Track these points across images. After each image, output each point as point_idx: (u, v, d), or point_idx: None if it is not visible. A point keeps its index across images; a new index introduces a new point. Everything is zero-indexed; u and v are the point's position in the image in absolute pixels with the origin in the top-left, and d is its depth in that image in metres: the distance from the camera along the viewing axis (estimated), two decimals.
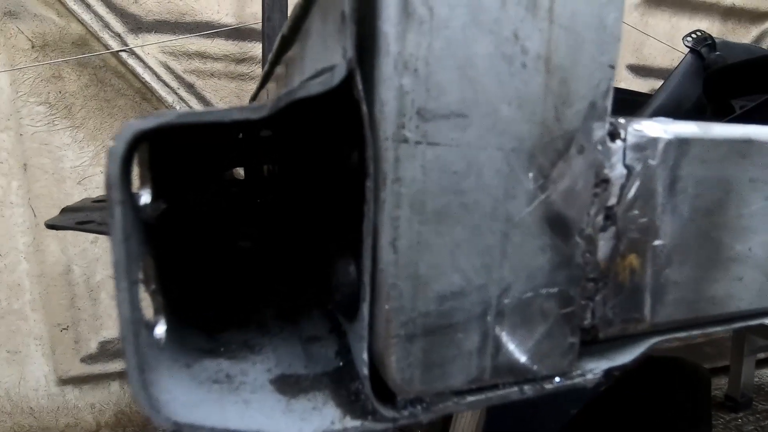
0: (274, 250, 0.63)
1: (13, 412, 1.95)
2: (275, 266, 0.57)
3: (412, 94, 0.28)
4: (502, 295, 0.33)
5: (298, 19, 0.37)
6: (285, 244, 0.64)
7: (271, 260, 0.59)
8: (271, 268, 0.57)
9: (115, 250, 0.23)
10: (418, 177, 0.29)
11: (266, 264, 0.58)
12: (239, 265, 0.58)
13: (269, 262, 0.59)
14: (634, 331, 0.39)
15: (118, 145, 0.22)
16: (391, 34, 0.26)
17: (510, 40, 0.29)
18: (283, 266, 0.57)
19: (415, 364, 0.31)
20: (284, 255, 0.61)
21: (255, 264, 0.58)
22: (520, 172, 0.32)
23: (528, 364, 0.35)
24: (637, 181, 0.35)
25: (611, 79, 0.33)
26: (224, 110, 0.24)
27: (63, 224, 0.81)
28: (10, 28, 1.64)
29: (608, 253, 0.36)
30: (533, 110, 0.31)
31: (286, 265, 0.57)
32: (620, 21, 0.32)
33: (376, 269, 0.29)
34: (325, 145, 0.43)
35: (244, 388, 0.32)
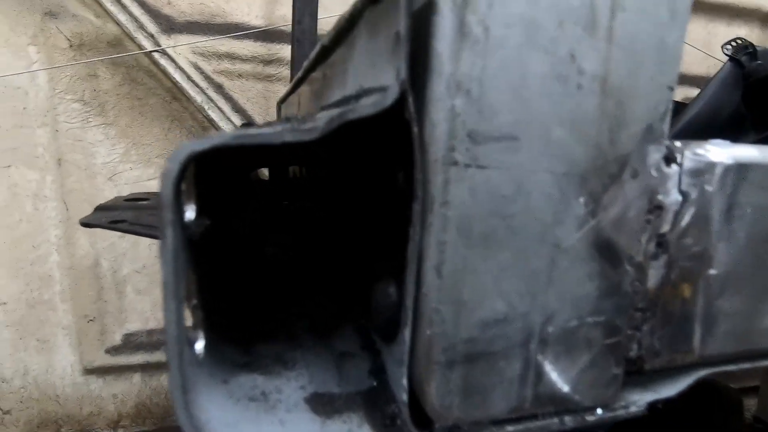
0: (303, 260, 0.62)
1: (41, 399, 2.02)
2: (306, 278, 0.57)
3: (463, 115, 0.27)
4: (547, 322, 0.32)
5: (343, 31, 0.37)
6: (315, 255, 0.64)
7: (301, 272, 0.59)
8: (302, 280, 0.56)
9: (164, 269, 0.23)
10: (467, 200, 0.28)
11: (296, 275, 0.58)
12: (269, 276, 0.58)
13: (300, 273, 0.59)
14: (681, 362, 0.37)
15: (173, 167, 0.22)
16: (445, 53, 0.26)
17: (566, 61, 0.28)
18: (314, 278, 0.56)
19: (454, 391, 0.31)
20: (315, 266, 0.61)
21: (285, 275, 0.58)
22: (571, 197, 0.30)
23: (570, 394, 0.34)
24: (692, 208, 0.34)
25: (670, 101, 0.31)
26: (276, 132, 0.24)
27: (97, 222, 0.83)
28: (50, 27, 1.69)
29: (658, 282, 0.34)
30: (587, 133, 0.30)
31: (317, 277, 0.57)
32: (682, 41, 0.30)
33: (420, 293, 0.29)
34: (366, 161, 0.42)
35: (280, 407, 0.32)
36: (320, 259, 0.62)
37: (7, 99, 1.72)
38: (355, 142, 0.38)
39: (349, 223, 0.53)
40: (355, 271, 0.47)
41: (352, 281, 0.48)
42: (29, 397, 2.00)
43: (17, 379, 1.95)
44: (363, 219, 0.46)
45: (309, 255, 0.64)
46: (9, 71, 1.69)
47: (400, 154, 0.30)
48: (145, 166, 1.90)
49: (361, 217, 0.47)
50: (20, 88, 1.73)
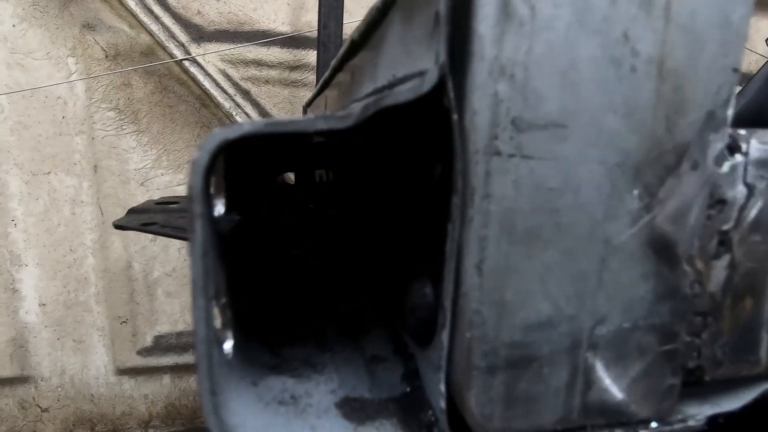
0: (331, 262, 0.61)
1: (76, 398, 2.08)
2: (334, 280, 0.56)
3: (507, 102, 0.25)
4: (596, 326, 0.29)
5: (373, 23, 0.36)
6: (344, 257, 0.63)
7: (329, 273, 0.58)
8: (331, 282, 0.55)
9: (194, 266, 0.22)
10: (510, 193, 0.26)
11: (325, 277, 0.57)
12: (296, 277, 0.57)
13: (328, 275, 0.58)
14: (746, 374, 0.34)
15: (203, 156, 0.21)
16: (487, 36, 0.24)
17: (619, 42, 0.26)
18: (342, 280, 0.55)
19: (496, 399, 0.28)
20: (343, 268, 0.59)
21: (313, 276, 0.57)
22: (624, 190, 0.28)
23: (622, 404, 0.31)
24: (759, 202, 0.31)
25: (734, 84, 0.28)
26: (309, 120, 0.23)
27: (129, 225, 0.85)
28: (87, 39, 1.76)
29: (721, 284, 0.31)
30: (642, 120, 0.27)
31: (345, 279, 0.55)
32: (749, 18, 0.28)
33: (459, 293, 0.27)
34: (399, 155, 0.41)
35: (310, 412, 0.30)
36: (350, 262, 0.60)
37: (48, 108, 1.80)
38: (391, 133, 0.36)
39: (382, 223, 0.51)
40: (387, 273, 0.46)
41: (383, 283, 0.47)
42: (66, 396, 2.06)
43: (55, 378, 2.02)
44: (397, 217, 0.44)
45: (338, 258, 0.63)
46: (50, 82, 1.77)
47: (438, 145, 0.28)
48: (175, 172, 1.95)
49: (395, 215, 0.45)
50: (60, 98, 1.80)
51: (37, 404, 2.10)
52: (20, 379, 2.01)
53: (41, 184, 1.87)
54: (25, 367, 2.01)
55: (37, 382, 2.05)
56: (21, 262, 1.93)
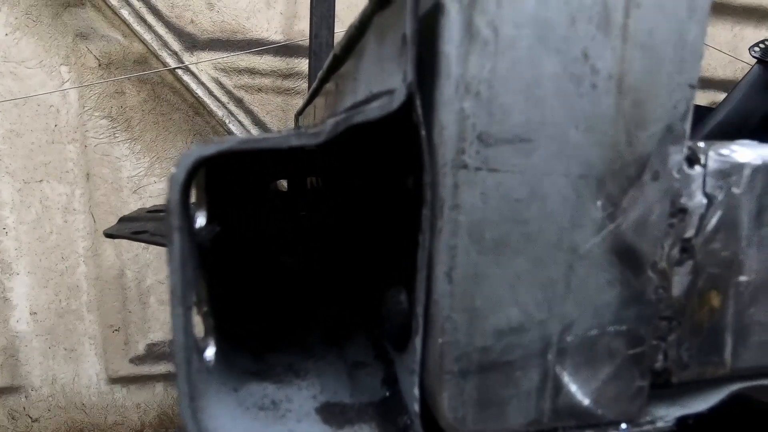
0: (317, 269, 0.62)
1: (67, 407, 2.06)
2: (319, 287, 0.57)
3: (473, 117, 0.26)
4: (565, 331, 0.31)
5: (353, 39, 0.37)
6: (329, 264, 0.64)
7: (315, 280, 0.59)
8: (316, 288, 0.56)
9: (172, 277, 0.23)
10: (478, 205, 0.27)
11: (310, 284, 0.58)
12: (283, 284, 0.58)
13: (313, 282, 0.59)
14: (712, 375, 0.35)
15: (179, 172, 0.22)
16: (452, 56, 0.25)
17: (579, 60, 0.27)
18: (327, 287, 0.56)
19: (468, 403, 0.29)
20: (328, 275, 0.60)
21: (299, 284, 0.58)
22: (588, 200, 0.29)
23: (591, 407, 0.32)
24: (719, 211, 0.32)
25: (691, 99, 0.30)
26: (282, 136, 0.24)
27: (120, 233, 0.85)
28: (81, 48, 1.77)
29: (684, 290, 0.33)
30: (603, 133, 0.29)
31: (330, 286, 0.56)
32: (703, 37, 0.29)
33: (431, 300, 0.28)
34: (376, 167, 0.42)
35: (290, 416, 0.31)
36: (334, 269, 0.61)
37: (40, 117, 1.80)
38: (365, 148, 0.37)
39: (362, 231, 0.53)
40: (368, 280, 0.47)
41: (364, 290, 0.48)
42: (57, 406, 2.04)
43: (45, 388, 2.00)
44: (374, 226, 0.46)
45: (323, 264, 0.64)
46: (43, 90, 1.77)
47: (409, 159, 0.30)
48: None
49: (373, 225, 0.46)
50: (53, 106, 1.81)
51: (27, 414, 2.07)
52: (10, 389, 1.99)
53: (33, 192, 1.86)
54: (15, 376, 1.99)
55: (27, 392, 2.03)
56: (12, 271, 1.92)
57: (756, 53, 1.60)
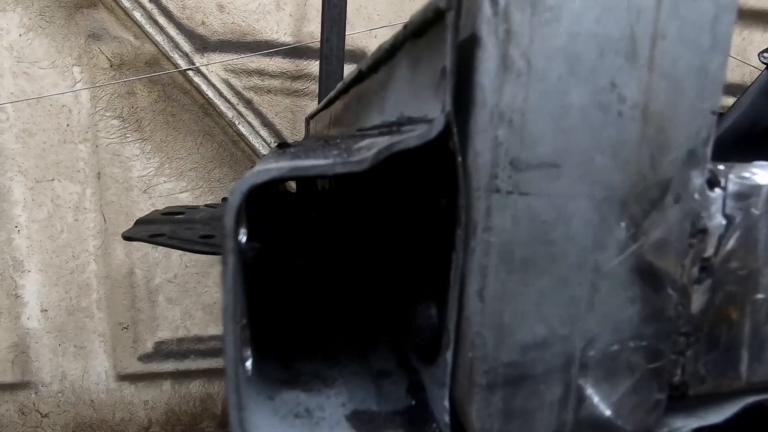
0: (333, 274, 0.64)
1: (76, 404, 2.09)
2: (337, 292, 0.58)
3: (506, 144, 0.28)
4: (587, 346, 0.32)
5: (381, 61, 0.38)
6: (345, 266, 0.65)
7: (332, 285, 0.60)
8: (334, 293, 0.58)
9: (225, 296, 0.25)
10: (508, 226, 0.29)
11: (328, 289, 0.59)
12: (302, 289, 0.59)
13: (331, 287, 0.60)
14: (728, 389, 0.36)
15: (235, 198, 0.24)
16: (488, 86, 0.27)
17: (606, 89, 0.29)
18: (345, 292, 0.57)
19: (495, 414, 0.31)
20: (344, 280, 0.62)
21: (317, 289, 0.59)
22: (612, 222, 0.31)
23: (612, 419, 0.33)
24: (737, 232, 0.33)
25: (712, 126, 0.31)
26: (329, 163, 0.25)
27: (137, 236, 0.87)
28: (93, 49, 1.79)
29: (703, 307, 0.34)
30: (628, 159, 0.30)
31: (347, 291, 0.58)
32: (724, 67, 0.30)
33: (462, 317, 0.29)
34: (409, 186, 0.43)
35: (323, 425, 0.33)
36: (352, 275, 0.63)
37: (52, 117, 1.82)
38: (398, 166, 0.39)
39: (384, 240, 0.54)
40: (391, 290, 0.48)
41: (387, 299, 0.49)
42: (66, 402, 2.07)
43: (55, 384, 2.03)
44: (400, 239, 0.47)
45: (341, 269, 0.65)
46: (55, 91, 1.79)
47: (442, 180, 0.31)
48: (177, 180, 1.97)
49: (399, 237, 0.48)
50: (65, 106, 1.83)
51: (37, 410, 2.10)
52: (21, 385, 2.02)
53: (45, 191, 1.89)
54: (25, 372, 2.02)
55: (37, 388, 2.06)
56: (24, 269, 1.95)
57: (765, 59, 1.60)
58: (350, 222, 0.77)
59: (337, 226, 0.85)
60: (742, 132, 1.54)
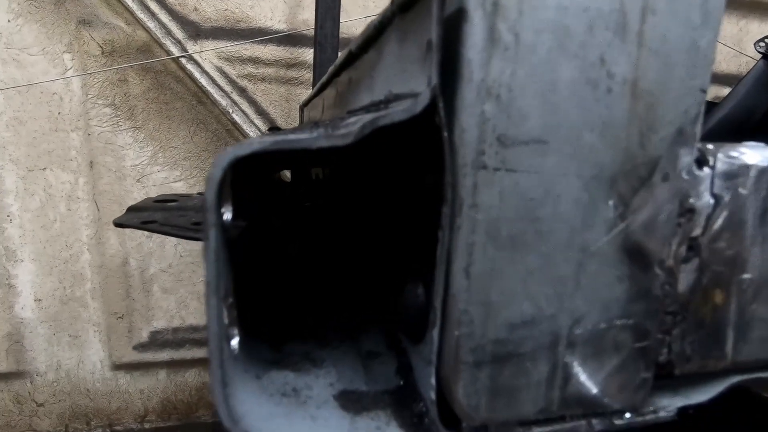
0: (325, 257, 0.64)
1: (72, 393, 2.09)
2: (329, 275, 0.58)
3: (493, 120, 0.27)
4: (574, 325, 0.32)
5: (371, 38, 0.38)
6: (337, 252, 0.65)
7: (324, 268, 0.60)
8: (325, 276, 0.58)
9: (208, 270, 0.24)
10: (495, 204, 0.28)
11: (320, 272, 0.59)
12: (293, 273, 0.59)
13: (322, 270, 0.60)
14: (713, 368, 0.36)
15: (216, 171, 0.24)
16: (475, 60, 0.26)
17: (596, 65, 0.28)
18: (337, 276, 0.57)
19: (482, 391, 0.31)
20: (337, 263, 0.62)
21: (308, 272, 0.59)
22: (600, 200, 0.30)
23: (598, 396, 0.33)
24: (725, 211, 0.33)
25: (702, 104, 0.31)
26: (312, 137, 0.25)
27: (129, 223, 0.86)
28: (84, 35, 1.76)
29: (690, 286, 0.34)
30: (617, 136, 0.30)
31: (340, 274, 0.58)
32: (715, 43, 0.30)
33: (449, 294, 0.29)
34: (392, 164, 0.43)
35: (310, 403, 0.33)
36: (344, 260, 0.63)
37: (43, 104, 1.80)
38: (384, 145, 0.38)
39: (374, 224, 0.54)
40: (380, 271, 0.48)
41: (376, 281, 0.49)
42: (61, 391, 2.07)
43: (50, 373, 2.03)
44: (389, 218, 0.47)
45: (332, 255, 0.65)
46: (46, 78, 1.77)
47: (429, 158, 0.31)
48: (171, 169, 1.96)
49: (387, 216, 0.48)
50: (56, 93, 1.80)
51: (32, 399, 2.10)
52: (16, 374, 2.02)
53: (37, 180, 1.87)
54: (20, 362, 2.01)
55: (32, 377, 2.06)
56: (16, 258, 1.94)
57: (761, 48, 1.60)
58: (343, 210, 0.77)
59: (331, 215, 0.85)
60: (737, 122, 1.55)
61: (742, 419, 0.90)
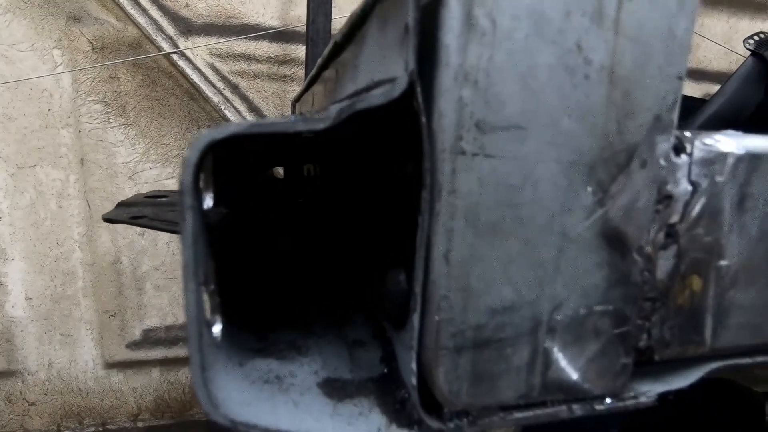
0: (316, 251, 0.64)
1: (64, 392, 2.08)
2: (319, 268, 0.58)
3: (471, 106, 0.27)
4: (555, 311, 0.32)
5: (354, 26, 0.38)
6: (327, 247, 0.65)
7: (314, 262, 0.60)
8: (315, 270, 0.58)
9: (185, 253, 0.24)
10: (474, 189, 0.29)
11: (310, 266, 0.59)
12: (283, 266, 0.59)
13: (312, 263, 0.60)
14: (692, 354, 0.37)
15: (192, 154, 0.24)
16: (452, 46, 0.26)
17: (573, 51, 0.29)
18: (326, 269, 0.58)
19: (463, 377, 0.31)
20: (327, 257, 0.62)
21: (298, 265, 0.59)
22: (579, 186, 0.31)
23: (579, 382, 0.34)
24: (702, 198, 0.34)
25: (679, 91, 0.31)
26: (289, 122, 0.25)
27: (118, 218, 0.86)
28: (73, 31, 1.75)
29: (668, 272, 0.34)
30: (594, 123, 0.30)
31: (329, 267, 0.58)
32: (691, 30, 0.30)
33: (428, 280, 0.29)
34: (375, 152, 0.43)
35: (293, 390, 0.33)
36: (333, 252, 0.63)
37: (33, 101, 1.78)
38: (367, 133, 0.38)
39: (360, 214, 0.54)
40: (365, 262, 0.48)
41: (362, 272, 0.49)
42: (53, 390, 2.06)
43: (42, 372, 2.02)
44: (372, 210, 0.47)
45: (322, 248, 0.65)
46: (35, 74, 1.75)
47: (409, 144, 0.31)
48: (163, 166, 1.95)
49: (370, 209, 0.48)
50: (46, 90, 1.79)
51: (24, 398, 2.09)
52: (7, 373, 2.00)
53: (27, 178, 1.85)
54: (11, 361, 2.00)
55: (24, 376, 2.04)
56: (7, 256, 1.92)
57: (750, 45, 1.61)
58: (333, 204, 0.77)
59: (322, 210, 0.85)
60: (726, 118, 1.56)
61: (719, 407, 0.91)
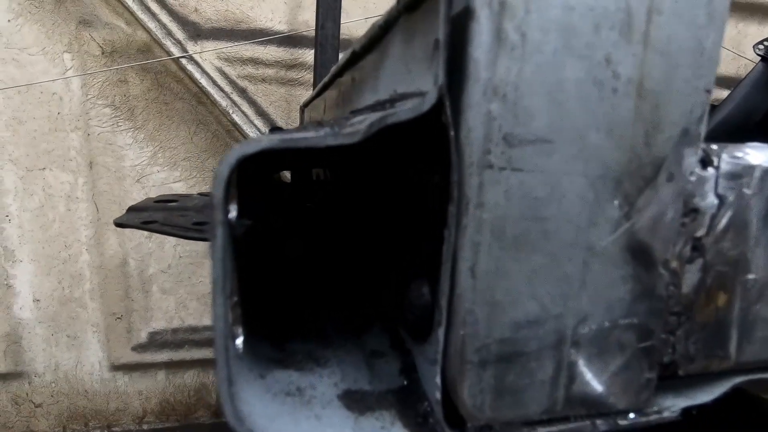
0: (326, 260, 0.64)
1: (70, 394, 2.08)
2: (330, 274, 0.58)
3: (499, 119, 0.27)
4: (579, 325, 0.32)
5: (376, 38, 0.38)
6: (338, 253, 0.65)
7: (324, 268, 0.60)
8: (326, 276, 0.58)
9: (214, 267, 0.24)
10: (501, 203, 0.28)
11: (321, 275, 0.59)
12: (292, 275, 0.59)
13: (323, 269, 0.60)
14: (717, 368, 0.36)
15: (224, 169, 0.24)
16: (482, 60, 0.26)
17: (602, 65, 0.28)
18: (338, 275, 0.57)
19: (486, 391, 0.31)
20: (338, 263, 0.62)
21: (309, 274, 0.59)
22: (605, 200, 0.30)
23: (602, 397, 0.33)
24: (729, 212, 0.33)
25: (706, 104, 0.31)
26: (320, 136, 0.25)
27: (130, 223, 0.86)
28: (84, 35, 1.76)
29: (694, 286, 0.34)
30: (622, 136, 0.30)
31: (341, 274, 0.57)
32: (719, 44, 0.30)
33: (454, 294, 0.29)
34: (396, 161, 0.43)
35: (315, 403, 0.33)
36: (346, 259, 0.63)
37: (43, 104, 1.80)
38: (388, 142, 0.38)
39: (377, 222, 0.54)
40: (383, 269, 0.48)
41: (379, 280, 0.49)
42: (59, 392, 2.06)
43: (48, 374, 2.02)
44: (394, 217, 0.47)
45: (335, 255, 0.65)
46: (46, 78, 1.77)
47: (435, 157, 0.31)
48: (171, 169, 1.96)
49: (392, 216, 0.47)
50: (56, 93, 1.80)
51: (30, 400, 2.09)
52: (14, 375, 2.01)
53: (36, 180, 1.87)
54: (18, 362, 2.01)
55: (30, 378, 2.05)
56: (15, 258, 1.93)
57: (760, 51, 1.60)
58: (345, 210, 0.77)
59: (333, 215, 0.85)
60: (736, 124, 1.55)
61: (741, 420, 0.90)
